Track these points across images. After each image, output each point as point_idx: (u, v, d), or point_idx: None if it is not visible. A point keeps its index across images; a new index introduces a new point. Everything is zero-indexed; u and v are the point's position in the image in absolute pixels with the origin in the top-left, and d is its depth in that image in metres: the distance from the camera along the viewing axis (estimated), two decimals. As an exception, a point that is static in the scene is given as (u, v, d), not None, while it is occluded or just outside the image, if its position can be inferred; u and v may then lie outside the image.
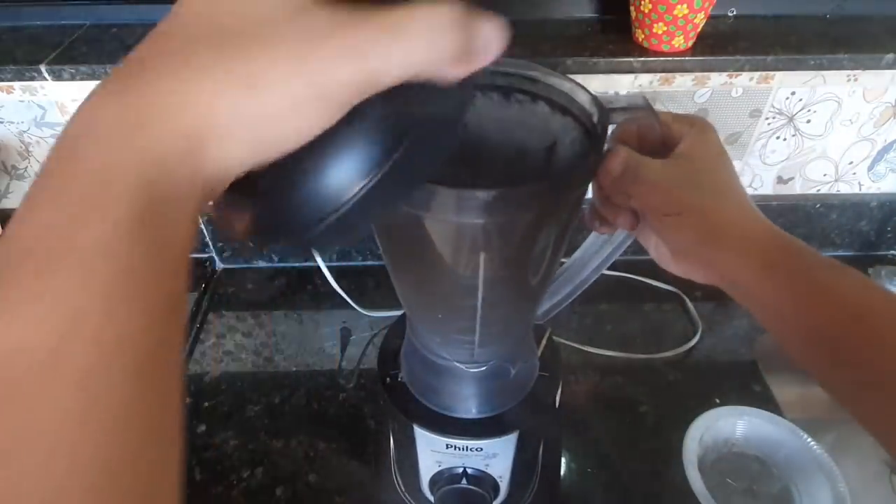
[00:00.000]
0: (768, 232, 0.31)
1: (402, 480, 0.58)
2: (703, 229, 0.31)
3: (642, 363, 0.71)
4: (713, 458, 0.61)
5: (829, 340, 0.28)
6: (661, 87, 0.69)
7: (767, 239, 0.31)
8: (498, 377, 0.45)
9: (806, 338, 0.29)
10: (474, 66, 0.19)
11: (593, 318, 0.78)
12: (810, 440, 0.58)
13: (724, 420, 0.60)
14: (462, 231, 0.32)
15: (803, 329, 0.29)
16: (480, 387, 0.45)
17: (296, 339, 0.76)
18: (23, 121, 0.71)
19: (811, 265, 0.29)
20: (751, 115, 0.73)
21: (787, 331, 0.30)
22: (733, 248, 0.31)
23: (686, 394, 0.68)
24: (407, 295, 0.42)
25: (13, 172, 0.77)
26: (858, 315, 0.27)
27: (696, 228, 0.31)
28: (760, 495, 0.59)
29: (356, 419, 0.66)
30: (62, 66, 0.63)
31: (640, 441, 0.63)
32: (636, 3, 0.63)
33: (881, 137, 0.77)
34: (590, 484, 0.60)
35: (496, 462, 0.48)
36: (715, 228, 0.31)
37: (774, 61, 0.64)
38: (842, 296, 0.28)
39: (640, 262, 0.86)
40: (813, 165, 0.79)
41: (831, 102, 0.72)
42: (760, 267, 0.30)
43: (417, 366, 0.47)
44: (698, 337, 0.74)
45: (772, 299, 0.30)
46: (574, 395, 0.68)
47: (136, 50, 0.17)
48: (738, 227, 0.31)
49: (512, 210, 0.30)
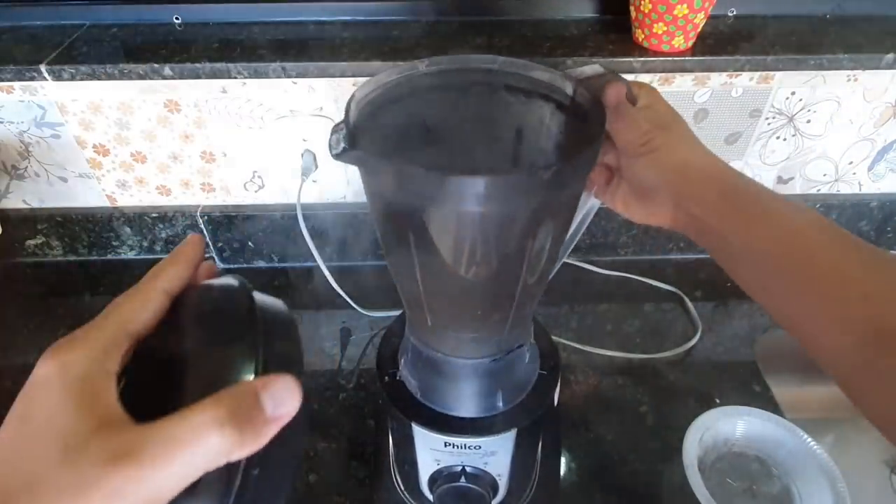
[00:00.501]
0: (726, 169, 0.36)
1: (402, 479, 0.58)
2: (671, 165, 0.37)
3: (642, 363, 0.71)
4: (713, 458, 0.61)
5: (770, 257, 0.33)
6: (662, 87, 0.69)
7: (724, 174, 0.36)
8: (497, 374, 0.45)
9: (751, 259, 0.34)
10: (267, 434, 0.21)
11: (593, 318, 0.78)
12: (810, 440, 0.58)
13: (724, 420, 0.60)
14: (463, 220, 0.32)
15: (748, 251, 0.34)
16: (479, 384, 0.45)
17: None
18: (23, 121, 0.72)
19: (759, 195, 0.35)
20: (751, 115, 0.73)
21: (735, 256, 0.35)
22: (696, 181, 0.36)
23: (686, 394, 0.68)
24: (406, 286, 0.41)
25: (13, 172, 0.77)
26: (794, 231, 0.32)
27: (666, 164, 0.37)
28: (760, 495, 0.59)
29: (356, 419, 0.66)
30: (62, 66, 0.63)
31: (640, 441, 0.63)
32: (636, 3, 0.63)
33: (881, 137, 0.77)
34: (589, 484, 0.60)
35: (495, 460, 0.48)
36: (682, 164, 0.37)
37: (774, 61, 0.64)
38: (783, 218, 0.33)
39: (640, 262, 0.87)
40: (813, 165, 0.79)
41: (831, 102, 0.72)
42: (717, 197, 0.35)
43: (416, 363, 0.47)
44: (698, 337, 0.74)
45: (725, 226, 0.34)
46: (574, 395, 0.68)
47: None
48: (700, 164, 0.37)
49: (526, 195, 0.30)
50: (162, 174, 0.77)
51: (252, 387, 0.21)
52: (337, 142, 0.31)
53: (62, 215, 0.81)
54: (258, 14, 0.70)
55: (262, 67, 0.63)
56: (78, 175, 0.77)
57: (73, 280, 0.83)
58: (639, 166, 0.38)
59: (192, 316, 0.24)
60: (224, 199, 0.81)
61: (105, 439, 0.19)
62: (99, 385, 0.21)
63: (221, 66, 0.63)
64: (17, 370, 0.69)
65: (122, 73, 0.63)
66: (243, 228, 0.81)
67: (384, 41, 0.67)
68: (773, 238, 0.33)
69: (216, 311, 0.24)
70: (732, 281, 0.36)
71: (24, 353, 0.73)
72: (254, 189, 0.80)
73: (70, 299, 0.80)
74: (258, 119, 0.72)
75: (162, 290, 0.24)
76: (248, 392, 0.21)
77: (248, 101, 0.70)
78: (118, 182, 0.78)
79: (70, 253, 0.85)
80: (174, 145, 0.74)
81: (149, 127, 0.72)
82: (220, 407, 0.20)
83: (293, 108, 0.70)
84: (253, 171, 0.77)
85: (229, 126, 0.72)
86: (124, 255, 0.85)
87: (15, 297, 0.81)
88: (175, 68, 0.64)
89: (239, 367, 0.22)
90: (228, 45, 0.66)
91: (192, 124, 0.72)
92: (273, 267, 0.86)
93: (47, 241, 0.83)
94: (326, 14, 0.71)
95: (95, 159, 0.76)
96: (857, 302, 0.29)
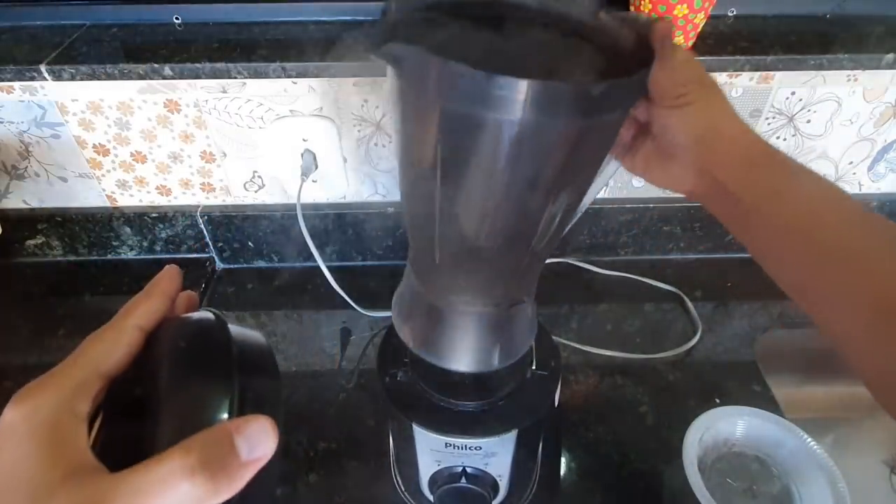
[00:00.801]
0: (756, 138, 0.36)
1: (402, 480, 0.58)
2: (704, 124, 0.36)
3: (642, 363, 0.71)
4: (713, 458, 0.61)
5: (789, 232, 0.33)
6: (661, 87, 0.69)
7: (755, 142, 0.35)
8: (497, 327, 0.44)
9: (769, 231, 0.34)
10: (243, 479, 0.20)
11: (593, 318, 0.78)
12: (810, 440, 0.58)
13: (724, 420, 0.60)
14: (501, 133, 0.30)
15: (768, 223, 0.34)
16: (477, 336, 0.44)
17: (296, 339, 0.76)
18: (23, 121, 0.72)
19: (786, 166, 0.34)
20: (751, 115, 0.73)
21: (752, 227, 0.35)
22: (726, 144, 0.35)
23: (686, 394, 0.68)
24: (420, 214, 0.39)
25: (13, 172, 0.77)
26: (815, 207, 0.33)
27: (698, 122, 0.36)
28: (760, 495, 0.59)
29: (356, 419, 0.66)
30: (62, 66, 0.63)
31: (640, 441, 0.63)
32: (636, 4, 0.63)
33: (881, 137, 0.77)
34: (589, 484, 0.60)
35: (495, 461, 0.48)
36: (713, 125, 0.35)
37: (774, 61, 0.64)
38: (807, 193, 0.33)
39: (640, 262, 0.87)
40: (813, 165, 0.79)
41: (831, 102, 0.72)
42: (745, 164, 0.34)
43: (412, 310, 0.45)
44: (698, 337, 0.74)
45: (748, 195, 0.34)
46: (574, 395, 0.68)
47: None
48: (732, 128, 0.36)
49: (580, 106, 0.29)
50: (162, 174, 0.77)
51: (226, 430, 0.20)
52: (380, 34, 0.29)
53: (62, 215, 0.81)
54: (258, 14, 0.70)
55: (262, 67, 0.63)
56: (78, 175, 0.77)
57: (73, 280, 0.83)
58: (672, 118, 0.36)
59: (167, 352, 0.24)
60: (224, 199, 0.81)
61: (72, 490, 0.19)
62: (67, 430, 0.20)
63: (221, 66, 0.63)
64: (17, 370, 0.69)
65: (122, 73, 0.63)
66: (243, 228, 0.81)
67: (384, 41, 0.67)
68: (793, 213, 0.33)
69: (191, 346, 0.24)
70: (732, 281, 0.36)
71: (24, 353, 0.73)
72: (254, 189, 0.80)
73: (70, 299, 0.80)
74: (258, 119, 0.72)
75: (135, 327, 0.24)
76: (221, 436, 0.20)
77: (248, 101, 0.70)
78: (118, 182, 0.78)
79: (70, 253, 0.85)
80: (174, 145, 0.74)
81: (149, 127, 0.72)
82: (191, 454, 0.19)
83: (293, 108, 0.70)
84: (253, 171, 0.77)
85: (229, 126, 0.72)
86: (124, 255, 0.85)
87: (15, 297, 0.81)
88: (175, 68, 0.64)
89: (214, 406, 0.21)
90: (228, 45, 0.66)
91: (192, 124, 0.72)
92: (273, 267, 0.86)
93: (47, 241, 0.83)
94: (326, 14, 0.71)
95: (95, 159, 0.76)
96: (867, 277, 0.30)
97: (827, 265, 0.31)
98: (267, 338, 0.26)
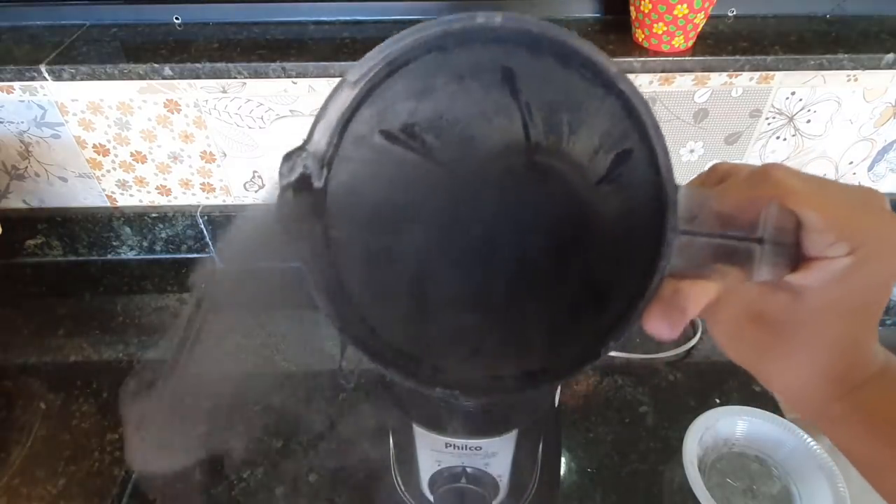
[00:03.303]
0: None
1: (402, 480, 0.58)
2: (875, 295, 0.23)
3: (642, 363, 0.71)
4: (713, 458, 0.61)
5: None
6: (661, 87, 0.69)
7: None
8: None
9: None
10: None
11: (593, 318, 0.78)
12: (810, 440, 0.58)
13: (724, 420, 0.60)
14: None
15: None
16: None
17: (296, 339, 0.76)
18: (23, 121, 0.72)
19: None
20: (751, 115, 0.73)
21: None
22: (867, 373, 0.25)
23: (686, 394, 0.68)
24: None
25: (13, 172, 0.77)
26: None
27: (867, 290, 0.22)
28: (760, 495, 0.59)
29: (356, 419, 0.66)
30: (62, 66, 0.63)
31: (640, 441, 0.63)
32: (636, 3, 0.63)
33: (881, 137, 0.77)
34: (589, 484, 0.60)
35: (496, 461, 0.48)
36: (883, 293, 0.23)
37: (774, 61, 0.64)
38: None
39: (640, 262, 0.87)
40: (813, 165, 0.79)
41: (831, 102, 0.72)
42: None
43: None
44: (698, 337, 0.74)
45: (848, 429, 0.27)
46: (574, 395, 0.68)
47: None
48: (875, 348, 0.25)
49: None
50: (162, 174, 0.77)
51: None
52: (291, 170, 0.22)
53: (62, 215, 0.81)
54: (258, 14, 0.70)
55: (262, 67, 0.63)
56: (78, 175, 0.77)
57: (73, 280, 0.83)
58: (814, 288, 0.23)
59: None
60: (224, 199, 0.81)
61: None
62: None
63: (221, 66, 0.63)
64: (18, 370, 0.69)
65: (122, 73, 0.63)
66: (243, 228, 0.81)
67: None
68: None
69: None
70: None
71: (24, 353, 0.73)
72: (254, 189, 0.80)
73: (70, 299, 0.80)
74: (258, 119, 0.72)
75: None
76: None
77: (248, 101, 0.70)
78: (118, 182, 0.78)
79: (70, 253, 0.85)
80: (174, 145, 0.74)
81: (149, 127, 0.72)
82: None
83: (293, 108, 0.70)
84: (253, 171, 0.77)
85: (229, 126, 0.72)
86: (124, 256, 0.85)
87: (15, 297, 0.81)
88: (175, 68, 0.64)
89: None
90: (228, 45, 0.66)
91: (192, 124, 0.72)
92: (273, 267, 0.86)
93: (47, 241, 0.83)
94: (326, 14, 0.71)
95: (95, 159, 0.76)
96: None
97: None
98: (266, 338, 0.26)
